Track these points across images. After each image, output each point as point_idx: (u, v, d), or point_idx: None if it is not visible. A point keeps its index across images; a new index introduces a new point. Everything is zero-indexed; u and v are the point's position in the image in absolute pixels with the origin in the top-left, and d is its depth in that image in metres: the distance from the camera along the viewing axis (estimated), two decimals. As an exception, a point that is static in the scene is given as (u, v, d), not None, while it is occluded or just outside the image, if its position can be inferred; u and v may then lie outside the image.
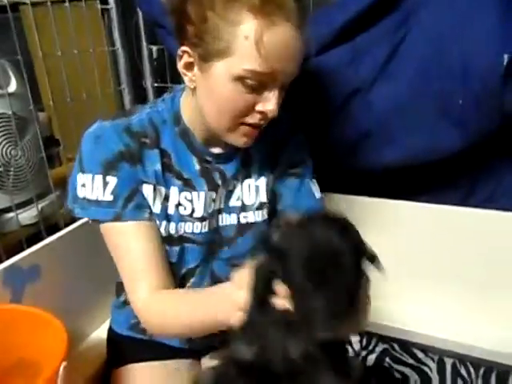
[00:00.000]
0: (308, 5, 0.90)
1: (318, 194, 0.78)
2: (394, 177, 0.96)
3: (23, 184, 1.04)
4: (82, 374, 0.87)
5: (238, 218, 0.74)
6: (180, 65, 0.63)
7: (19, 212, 1.00)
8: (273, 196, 0.77)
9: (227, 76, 0.58)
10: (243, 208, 0.74)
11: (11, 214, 0.99)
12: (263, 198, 0.75)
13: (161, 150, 0.69)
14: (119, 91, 1.20)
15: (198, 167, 0.71)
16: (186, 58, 0.62)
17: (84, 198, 0.66)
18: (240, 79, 0.58)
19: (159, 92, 1.24)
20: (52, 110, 1.09)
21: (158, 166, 0.69)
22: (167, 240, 0.71)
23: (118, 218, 0.65)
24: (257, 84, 0.59)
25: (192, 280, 0.76)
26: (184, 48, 0.61)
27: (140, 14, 1.14)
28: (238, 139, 0.66)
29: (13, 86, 1.02)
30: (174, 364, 0.80)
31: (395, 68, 0.84)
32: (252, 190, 0.75)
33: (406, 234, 1.02)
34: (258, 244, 0.60)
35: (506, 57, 0.72)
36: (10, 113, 0.96)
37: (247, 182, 0.75)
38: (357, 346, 1.11)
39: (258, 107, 0.61)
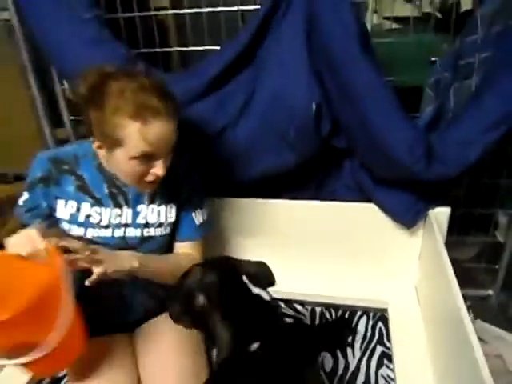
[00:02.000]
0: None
1: (197, 222, 1.07)
2: (265, 183, 1.32)
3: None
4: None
5: (142, 232, 1.02)
6: (94, 146, 0.90)
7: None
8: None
9: (125, 157, 0.86)
10: (146, 225, 1.02)
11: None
12: (162, 219, 1.03)
13: (77, 176, 0.96)
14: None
15: (107, 191, 0.99)
16: (96, 143, 0.89)
17: None
18: (134, 158, 0.85)
19: (76, 124, 1.50)
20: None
21: (72, 188, 0.96)
22: (79, 239, 0.95)
23: (19, 215, 0.98)
24: (147, 159, 0.86)
25: None
26: (93, 138, 0.89)
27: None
28: (144, 188, 0.96)
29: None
30: (113, 337, 1.04)
31: (250, 111, 1.18)
32: (155, 213, 1.02)
33: (278, 223, 1.40)
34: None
35: (313, 104, 1.09)
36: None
37: (151, 206, 1.02)
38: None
39: (152, 171, 0.89)
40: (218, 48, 1.23)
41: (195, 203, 1.08)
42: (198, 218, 1.08)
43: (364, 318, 1.40)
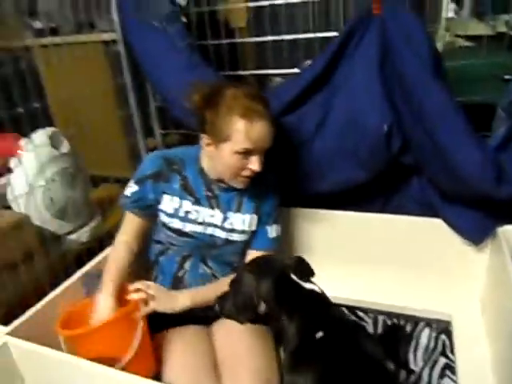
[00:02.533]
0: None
1: (271, 235, 1.19)
2: (333, 196, 1.41)
3: (78, 214, 1.49)
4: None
5: (227, 235, 1.15)
6: (203, 144, 1.08)
7: (77, 233, 1.46)
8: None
9: (230, 152, 1.02)
10: (231, 230, 1.15)
11: (72, 236, 1.45)
12: (246, 227, 1.16)
13: (182, 176, 1.13)
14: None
15: (204, 193, 1.14)
16: (206, 141, 1.06)
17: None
18: (237, 153, 1.01)
19: (164, 136, 1.70)
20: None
21: (178, 186, 1.13)
22: (177, 231, 1.13)
23: (125, 205, 1.13)
24: (246, 155, 1.02)
25: (189, 262, 1.16)
26: (204, 135, 1.06)
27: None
28: (238, 184, 1.10)
29: (65, 148, 1.46)
30: (194, 328, 1.15)
31: (325, 130, 1.28)
32: (240, 221, 1.15)
33: (347, 234, 1.48)
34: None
35: (385, 126, 1.17)
36: (67, 166, 1.41)
37: (238, 214, 1.16)
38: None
39: (249, 166, 1.04)
40: (297, 71, 1.35)
41: (273, 218, 1.21)
42: (272, 232, 1.20)
43: (427, 329, 1.43)
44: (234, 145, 1.01)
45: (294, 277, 0.95)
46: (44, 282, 1.26)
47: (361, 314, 1.53)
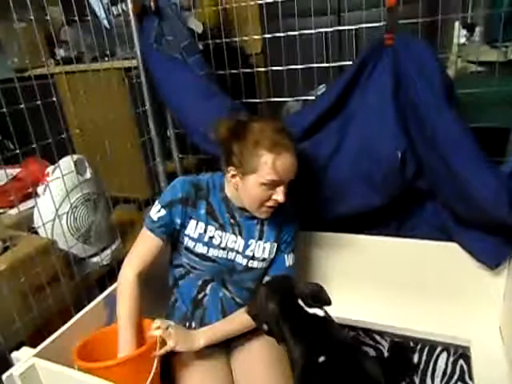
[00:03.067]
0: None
1: (287, 264, 1.21)
2: (347, 220, 1.44)
3: (100, 237, 1.54)
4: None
5: (247, 262, 1.18)
6: (228, 176, 1.10)
7: (99, 256, 1.50)
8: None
9: (256, 183, 1.05)
10: (252, 257, 1.18)
11: (94, 259, 1.50)
12: (266, 255, 1.19)
13: (208, 202, 1.15)
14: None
15: (228, 220, 1.17)
16: (231, 173, 1.08)
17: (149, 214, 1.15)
18: (263, 184, 1.04)
19: (182, 159, 1.76)
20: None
21: (203, 211, 1.15)
22: (200, 256, 1.15)
23: (151, 230, 1.13)
24: (272, 186, 1.05)
25: (210, 286, 1.18)
26: (230, 167, 1.08)
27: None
28: (261, 214, 1.12)
29: (88, 174, 1.52)
30: (213, 353, 1.15)
31: (339, 156, 1.32)
32: (261, 249, 1.18)
33: (365, 257, 1.49)
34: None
35: (399, 152, 1.20)
36: (90, 191, 1.46)
37: (259, 242, 1.18)
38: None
39: (273, 197, 1.07)
40: (312, 98, 1.40)
41: (290, 247, 1.23)
42: (289, 260, 1.23)
43: (444, 354, 1.43)
44: (260, 177, 1.04)
45: (300, 302, 1.00)
46: (68, 304, 1.31)
47: (377, 337, 1.53)
